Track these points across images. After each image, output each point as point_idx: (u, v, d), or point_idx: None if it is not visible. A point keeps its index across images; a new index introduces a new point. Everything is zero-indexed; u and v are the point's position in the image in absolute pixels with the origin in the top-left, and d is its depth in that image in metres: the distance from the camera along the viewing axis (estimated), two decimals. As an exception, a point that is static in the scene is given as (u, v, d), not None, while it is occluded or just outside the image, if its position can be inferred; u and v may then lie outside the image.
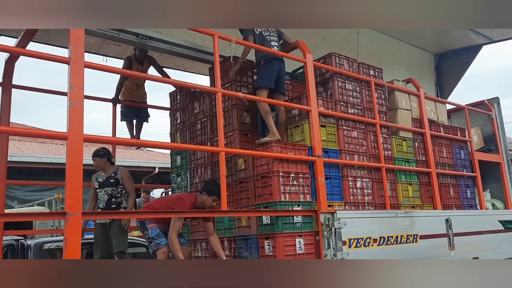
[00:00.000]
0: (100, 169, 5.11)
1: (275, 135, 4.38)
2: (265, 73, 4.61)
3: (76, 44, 2.88)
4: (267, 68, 4.62)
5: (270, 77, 4.59)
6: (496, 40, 8.35)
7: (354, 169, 4.76)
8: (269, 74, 4.59)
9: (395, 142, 5.33)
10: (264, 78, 4.61)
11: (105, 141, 5.10)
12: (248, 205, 4.39)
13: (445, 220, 5.17)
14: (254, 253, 4.19)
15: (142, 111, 6.56)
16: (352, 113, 4.96)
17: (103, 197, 4.99)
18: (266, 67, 4.62)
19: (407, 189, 5.26)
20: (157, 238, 4.25)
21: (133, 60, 5.98)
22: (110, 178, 5.03)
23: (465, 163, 6.28)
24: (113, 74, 6.03)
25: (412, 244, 4.67)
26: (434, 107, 6.17)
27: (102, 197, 5.00)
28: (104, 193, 5.00)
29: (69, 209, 2.64)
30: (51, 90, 5.82)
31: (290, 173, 4.19)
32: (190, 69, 7.09)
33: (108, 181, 5.01)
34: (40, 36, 5.46)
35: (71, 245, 2.61)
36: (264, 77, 4.61)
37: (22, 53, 3.49)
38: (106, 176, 5.05)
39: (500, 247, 5.87)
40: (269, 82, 4.59)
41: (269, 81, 4.59)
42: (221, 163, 3.64)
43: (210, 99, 5.13)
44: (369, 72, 5.39)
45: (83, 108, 2.82)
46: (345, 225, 4.04)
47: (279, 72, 4.66)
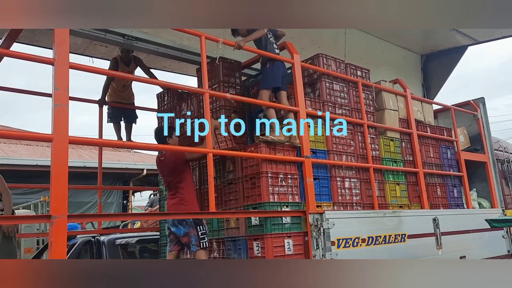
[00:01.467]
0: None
1: (280, 136, 4.32)
2: (272, 74, 4.56)
3: (60, 45, 2.85)
4: (274, 69, 4.57)
5: (276, 77, 4.54)
6: (481, 41, 8.44)
7: (342, 170, 4.77)
8: (275, 75, 4.55)
9: (383, 142, 5.36)
10: (271, 79, 4.55)
11: (91, 143, 5.04)
12: (236, 206, 4.37)
13: (433, 219, 5.21)
14: (243, 254, 4.17)
15: (130, 112, 6.52)
16: (340, 114, 4.97)
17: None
18: (273, 68, 4.57)
19: (394, 189, 5.29)
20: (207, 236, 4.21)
21: (119, 61, 5.93)
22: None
23: (451, 162, 6.34)
24: (103, 75, 5.98)
25: (400, 243, 4.70)
26: (421, 107, 6.23)
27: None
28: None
29: (54, 212, 2.60)
30: (35, 92, 5.75)
31: (279, 174, 4.19)
32: (177, 70, 7.06)
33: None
34: (25, 37, 5.39)
35: (57, 249, 2.57)
36: (271, 78, 4.55)
37: (6, 54, 3.43)
38: None
39: (486, 246, 5.94)
40: (276, 82, 4.54)
41: (276, 81, 4.55)
42: (209, 164, 3.62)
43: (198, 100, 5.10)
44: (357, 72, 5.41)
45: (68, 110, 2.78)
46: (333, 226, 4.05)
47: (283, 73, 4.63)
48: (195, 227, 4.13)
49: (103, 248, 5.51)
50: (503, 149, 7.62)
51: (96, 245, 5.62)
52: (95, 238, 5.72)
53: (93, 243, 5.65)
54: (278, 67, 4.58)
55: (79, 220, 5.11)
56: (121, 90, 6.28)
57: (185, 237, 4.18)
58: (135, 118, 6.58)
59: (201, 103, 4.93)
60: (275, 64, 4.57)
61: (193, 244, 4.13)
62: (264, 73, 4.66)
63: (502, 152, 7.55)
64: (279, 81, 4.55)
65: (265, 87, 4.54)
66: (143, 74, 6.05)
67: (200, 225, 4.16)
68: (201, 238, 4.13)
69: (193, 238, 4.13)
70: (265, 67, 4.64)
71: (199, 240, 4.12)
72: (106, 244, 5.53)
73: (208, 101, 3.75)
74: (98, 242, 5.64)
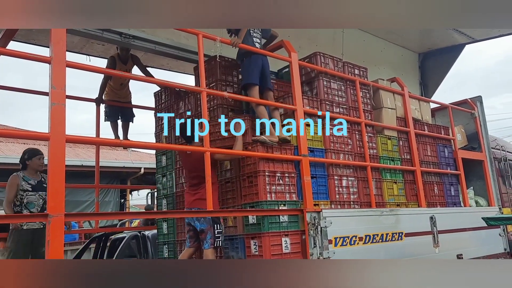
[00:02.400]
0: (37, 170, 4.88)
1: (273, 136, 4.27)
2: (249, 69, 4.48)
3: (57, 43, 2.84)
4: (250, 64, 4.48)
5: (254, 73, 4.44)
6: (478, 40, 8.45)
7: (340, 168, 4.78)
8: (252, 70, 4.45)
9: (380, 140, 5.36)
10: (249, 75, 4.46)
11: (88, 141, 5.04)
12: (234, 205, 4.37)
13: (430, 217, 5.23)
14: (240, 253, 4.17)
15: (127, 111, 6.50)
16: (338, 112, 4.97)
17: (37, 201, 4.78)
18: (248, 63, 4.49)
19: (392, 187, 5.30)
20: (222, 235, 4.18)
21: (116, 60, 5.91)
22: (43, 182, 4.84)
23: (449, 161, 6.35)
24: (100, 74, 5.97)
25: (398, 242, 4.71)
26: (418, 106, 6.24)
27: (36, 200, 4.77)
28: (38, 197, 4.79)
29: (51, 210, 2.60)
30: (32, 90, 5.73)
31: (276, 172, 4.19)
32: (175, 68, 7.04)
33: (41, 185, 4.82)
34: (22, 35, 5.37)
35: (54, 247, 2.57)
36: (249, 74, 4.46)
37: (2, 53, 3.41)
38: (38, 180, 4.85)
39: (483, 244, 5.96)
40: (255, 78, 4.44)
41: (255, 77, 4.44)
42: (206, 163, 3.62)
43: (195, 99, 5.09)
44: (354, 71, 5.42)
45: (65, 108, 2.77)
46: (331, 224, 4.05)
47: (262, 68, 4.52)
48: (212, 225, 4.09)
49: (148, 242, 6.17)
50: (500, 148, 7.65)
51: (142, 239, 6.24)
52: (141, 233, 6.38)
53: (140, 238, 6.28)
54: (255, 60, 4.48)
55: (76, 218, 5.13)
56: (119, 88, 6.27)
57: (202, 233, 4.14)
58: (132, 116, 6.57)
59: (198, 102, 4.93)
60: (252, 58, 4.48)
61: (207, 241, 4.08)
62: (242, 70, 4.61)
63: (499, 150, 7.57)
64: (258, 77, 4.46)
65: (246, 81, 4.46)
66: (139, 73, 6.03)
67: (217, 223, 4.13)
68: (216, 237, 4.10)
69: (208, 235, 4.08)
70: (242, 63, 4.58)
71: (214, 238, 4.08)
72: (151, 238, 6.16)
73: (205, 100, 3.74)
74: (143, 237, 6.28)
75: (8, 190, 4.70)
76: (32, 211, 4.71)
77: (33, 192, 4.76)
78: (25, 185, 4.75)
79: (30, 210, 4.71)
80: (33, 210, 4.73)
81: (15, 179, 4.75)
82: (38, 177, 4.89)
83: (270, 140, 4.22)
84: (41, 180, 4.87)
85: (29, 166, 4.86)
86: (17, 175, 4.80)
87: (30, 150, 4.94)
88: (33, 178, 4.84)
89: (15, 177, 4.77)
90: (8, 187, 4.72)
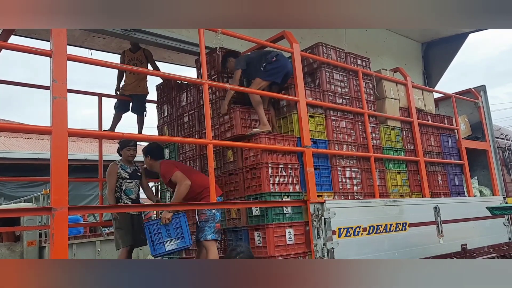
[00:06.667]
0: (132, 158, 5.00)
1: (265, 126, 4.33)
2: (276, 69, 4.54)
3: (58, 36, 2.82)
4: (279, 64, 4.56)
5: (278, 73, 4.54)
6: (481, 29, 8.37)
7: (343, 159, 4.76)
8: (278, 71, 4.54)
9: (384, 131, 5.34)
10: (273, 73, 4.53)
11: (91, 135, 5.04)
12: (237, 197, 4.37)
13: (434, 207, 5.21)
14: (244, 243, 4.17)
15: (138, 105, 6.36)
16: (340, 103, 4.95)
17: (134, 188, 4.91)
18: (278, 63, 4.56)
19: (395, 177, 5.29)
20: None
21: (126, 51, 5.98)
22: (137, 171, 4.98)
23: (452, 151, 6.33)
24: (110, 69, 5.97)
25: (402, 232, 4.71)
26: (422, 96, 6.20)
27: (133, 187, 4.90)
28: (135, 185, 4.91)
29: (54, 204, 2.60)
30: (34, 84, 5.72)
31: (279, 164, 4.18)
32: (176, 61, 7.00)
33: (136, 173, 4.94)
34: (22, 30, 5.35)
35: (58, 241, 2.57)
36: (273, 72, 4.53)
37: (3, 47, 3.40)
38: (133, 168, 4.95)
39: (487, 234, 5.95)
40: (241, 64, 4.55)
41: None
42: (209, 155, 3.62)
43: (197, 91, 5.08)
44: (357, 61, 5.38)
45: (66, 102, 2.76)
46: (334, 215, 4.05)
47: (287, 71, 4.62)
48: (207, 217, 4.14)
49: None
50: (504, 137, 7.61)
51: None
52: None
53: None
54: (287, 64, 4.64)
55: (80, 212, 5.14)
56: (132, 80, 6.19)
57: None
58: (142, 111, 6.40)
59: (200, 94, 4.91)
60: (283, 60, 4.64)
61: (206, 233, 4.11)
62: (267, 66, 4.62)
63: (503, 140, 7.54)
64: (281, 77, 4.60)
65: (263, 78, 4.56)
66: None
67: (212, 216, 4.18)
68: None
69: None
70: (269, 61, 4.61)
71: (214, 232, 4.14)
72: None
73: (207, 92, 3.72)
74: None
75: (109, 178, 4.81)
76: (131, 197, 4.85)
77: (130, 180, 4.87)
78: (123, 173, 4.84)
79: (129, 197, 4.85)
80: (132, 197, 4.86)
81: (114, 167, 4.85)
82: (133, 166, 4.98)
83: (263, 129, 4.27)
84: (136, 169, 4.97)
85: (123, 156, 4.97)
86: (116, 163, 4.90)
87: (123, 141, 5.02)
88: (129, 167, 4.92)
89: (114, 166, 4.86)
90: (109, 175, 4.82)
